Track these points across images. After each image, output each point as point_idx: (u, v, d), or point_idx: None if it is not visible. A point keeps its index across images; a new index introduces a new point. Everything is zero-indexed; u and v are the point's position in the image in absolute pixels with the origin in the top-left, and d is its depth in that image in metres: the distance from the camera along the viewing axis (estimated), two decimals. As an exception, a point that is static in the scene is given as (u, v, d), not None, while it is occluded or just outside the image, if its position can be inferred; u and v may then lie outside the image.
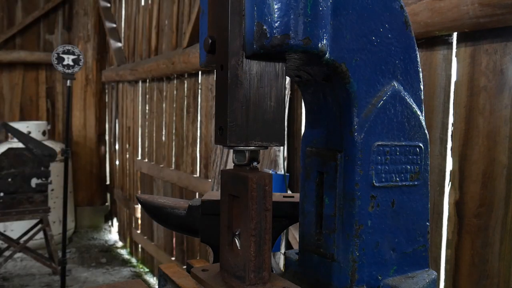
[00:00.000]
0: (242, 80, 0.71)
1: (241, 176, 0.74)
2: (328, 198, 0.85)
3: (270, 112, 0.74)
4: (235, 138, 0.71)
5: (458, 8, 1.42)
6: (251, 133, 0.72)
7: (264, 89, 0.73)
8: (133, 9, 5.25)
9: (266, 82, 0.73)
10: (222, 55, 0.73)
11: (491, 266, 1.45)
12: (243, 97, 0.72)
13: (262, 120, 0.73)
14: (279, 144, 0.75)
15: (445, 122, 1.60)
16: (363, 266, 0.81)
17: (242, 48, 0.72)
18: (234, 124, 0.71)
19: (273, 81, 0.74)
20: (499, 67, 1.42)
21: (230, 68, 0.71)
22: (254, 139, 0.73)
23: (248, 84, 0.72)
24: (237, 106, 0.71)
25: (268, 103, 0.74)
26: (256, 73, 0.72)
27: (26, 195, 4.05)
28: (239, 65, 0.71)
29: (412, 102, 0.86)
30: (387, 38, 0.82)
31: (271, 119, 0.74)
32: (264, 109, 0.73)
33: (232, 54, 0.71)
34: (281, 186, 2.24)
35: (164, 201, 1.08)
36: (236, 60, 0.71)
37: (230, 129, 0.71)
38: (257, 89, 0.73)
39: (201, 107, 3.62)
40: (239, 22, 0.72)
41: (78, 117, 6.25)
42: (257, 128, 0.73)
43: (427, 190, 0.90)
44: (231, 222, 0.79)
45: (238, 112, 0.71)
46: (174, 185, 4.09)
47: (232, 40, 0.71)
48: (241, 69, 0.72)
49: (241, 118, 0.71)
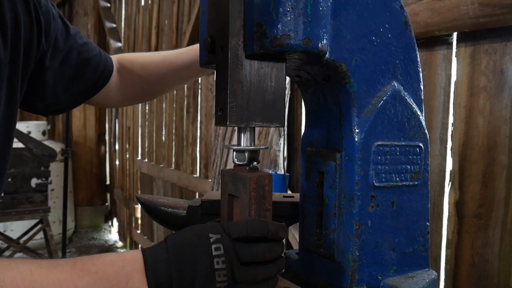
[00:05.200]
0: (242, 60, 0.71)
1: (241, 176, 0.74)
2: (328, 198, 0.85)
3: (271, 93, 0.74)
4: (235, 118, 0.72)
5: (458, 8, 1.42)
6: (251, 113, 0.73)
7: (265, 69, 0.73)
8: (133, 9, 5.24)
9: (266, 63, 0.73)
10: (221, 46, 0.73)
11: (491, 266, 1.45)
12: (244, 77, 0.72)
13: (263, 100, 0.73)
14: (280, 125, 0.76)
15: (445, 122, 1.60)
16: (363, 266, 0.81)
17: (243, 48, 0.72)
18: (234, 105, 0.71)
19: (274, 63, 0.74)
20: (499, 67, 1.42)
21: (230, 48, 0.71)
22: (255, 120, 0.73)
23: (248, 65, 0.72)
24: (237, 87, 0.71)
25: (268, 83, 0.74)
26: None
27: (26, 195, 4.05)
28: (239, 45, 0.71)
29: (412, 102, 0.86)
30: (387, 38, 0.82)
31: (272, 100, 0.74)
32: (264, 89, 0.73)
33: (233, 34, 0.71)
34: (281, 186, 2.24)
35: (164, 201, 1.08)
36: (236, 41, 0.71)
37: (230, 110, 0.71)
38: (257, 69, 0.73)
39: (201, 107, 3.62)
40: (239, 22, 0.72)
41: (78, 117, 6.25)
42: (258, 108, 0.73)
43: (427, 190, 0.90)
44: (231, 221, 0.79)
45: (238, 92, 0.71)
46: (174, 185, 4.09)
47: (232, 31, 0.71)
48: (241, 49, 0.72)
49: (241, 99, 0.72)
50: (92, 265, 0.67)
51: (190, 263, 0.67)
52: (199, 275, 0.67)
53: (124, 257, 0.70)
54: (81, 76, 1.11)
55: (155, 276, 0.67)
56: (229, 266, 0.68)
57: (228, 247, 0.68)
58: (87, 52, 1.12)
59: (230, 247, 0.68)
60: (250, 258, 0.69)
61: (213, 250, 0.68)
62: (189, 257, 0.68)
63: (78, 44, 1.10)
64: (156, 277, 0.67)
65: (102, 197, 6.52)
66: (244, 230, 0.69)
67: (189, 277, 0.67)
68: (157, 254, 0.69)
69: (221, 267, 0.67)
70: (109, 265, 0.68)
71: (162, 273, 0.67)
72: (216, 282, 0.67)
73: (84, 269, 0.67)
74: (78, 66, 1.10)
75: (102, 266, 0.67)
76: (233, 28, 0.71)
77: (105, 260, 0.69)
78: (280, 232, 0.72)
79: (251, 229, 0.70)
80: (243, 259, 0.69)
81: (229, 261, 0.68)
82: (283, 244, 0.74)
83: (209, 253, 0.67)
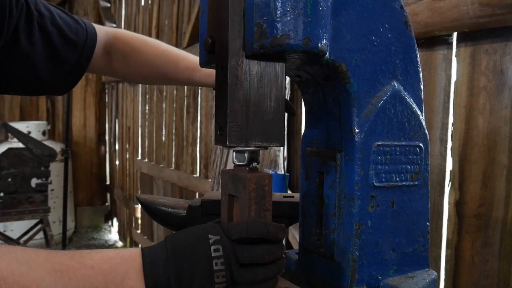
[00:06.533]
0: (242, 80, 0.71)
1: (241, 177, 0.74)
2: (328, 198, 0.85)
3: (270, 112, 0.74)
4: (235, 138, 0.72)
5: (458, 8, 1.42)
6: (251, 133, 0.73)
7: (264, 89, 0.73)
8: (133, 9, 5.24)
9: (266, 82, 0.73)
10: (222, 55, 0.73)
11: (491, 266, 1.45)
12: (243, 97, 0.72)
13: (262, 120, 0.73)
14: (279, 145, 0.75)
15: (445, 122, 1.60)
16: (363, 266, 0.81)
17: (242, 48, 0.72)
18: (234, 125, 0.71)
19: (273, 81, 0.74)
20: (499, 67, 1.42)
21: (230, 68, 0.71)
22: (254, 140, 0.73)
23: (248, 85, 0.72)
24: (237, 106, 0.71)
25: (268, 103, 0.74)
26: (256, 73, 0.72)
27: (26, 195, 4.05)
28: (239, 65, 0.71)
29: (412, 102, 0.86)
30: (387, 38, 0.82)
31: (271, 120, 0.74)
32: (264, 109, 0.73)
33: (232, 54, 0.71)
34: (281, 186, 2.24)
35: (164, 201, 1.08)
36: (236, 60, 0.71)
37: (230, 129, 0.71)
38: (257, 89, 0.73)
39: (201, 107, 3.62)
40: (239, 22, 0.72)
41: (78, 117, 6.25)
42: (257, 128, 0.73)
43: (427, 190, 0.90)
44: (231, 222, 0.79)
45: (238, 112, 0.71)
46: (174, 185, 4.09)
47: (232, 40, 0.71)
48: (241, 69, 0.72)
49: (241, 119, 0.72)
50: (90, 259, 0.67)
51: (189, 264, 0.67)
52: (198, 276, 0.67)
53: (123, 254, 0.70)
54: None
55: (153, 276, 0.67)
56: (228, 268, 0.67)
57: (227, 249, 0.68)
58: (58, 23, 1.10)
59: (229, 248, 0.68)
60: (249, 259, 0.69)
61: (212, 251, 0.68)
62: (188, 258, 0.67)
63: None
64: (155, 277, 0.67)
65: (102, 197, 6.51)
66: (243, 232, 0.69)
67: (187, 278, 0.67)
68: (156, 254, 0.69)
69: (220, 268, 0.67)
70: (106, 261, 0.68)
71: (161, 273, 0.67)
72: (215, 283, 0.67)
73: (81, 262, 0.66)
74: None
75: (99, 261, 0.67)
76: (233, 46, 0.71)
77: (104, 255, 0.69)
78: (280, 233, 0.72)
79: (251, 231, 0.70)
80: (242, 261, 0.69)
81: (228, 262, 0.68)
82: (283, 245, 0.74)
83: (208, 254, 0.67)
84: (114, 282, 0.66)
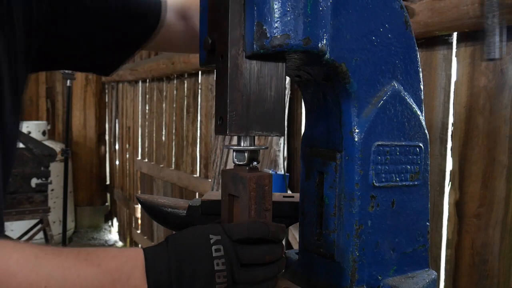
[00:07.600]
0: (242, 69, 0.71)
1: (241, 176, 0.74)
2: (328, 198, 0.85)
3: (270, 102, 0.74)
4: (235, 127, 0.72)
5: (458, 8, 1.42)
6: (251, 122, 0.73)
7: (264, 78, 0.73)
8: None
9: (266, 72, 0.73)
10: (221, 55, 0.73)
11: (491, 266, 1.45)
12: (243, 86, 0.72)
13: (262, 109, 0.73)
14: (280, 134, 0.76)
15: (445, 122, 1.60)
16: (363, 266, 0.81)
17: (242, 48, 0.72)
18: (234, 114, 0.71)
19: (274, 71, 0.74)
20: (499, 67, 1.42)
21: (230, 57, 0.71)
22: (254, 129, 0.73)
23: (248, 74, 0.72)
24: (237, 96, 0.71)
25: (268, 92, 0.74)
26: (257, 63, 0.73)
27: (26, 195, 4.05)
28: (239, 54, 0.71)
29: (412, 102, 0.86)
30: (387, 38, 0.82)
31: (271, 109, 0.74)
32: (264, 99, 0.73)
33: (233, 43, 0.71)
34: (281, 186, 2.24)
35: (164, 201, 1.08)
36: (236, 50, 0.71)
37: (230, 118, 0.71)
38: (257, 79, 0.73)
39: (201, 107, 3.62)
40: (239, 22, 0.72)
41: (78, 117, 6.25)
42: (257, 117, 0.73)
43: (427, 190, 0.90)
44: (231, 222, 0.79)
45: (238, 101, 0.71)
46: (174, 185, 4.09)
47: (232, 30, 0.71)
48: (241, 59, 0.72)
49: (241, 108, 0.72)
50: (96, 256, 0.68)
51: (190, 264, 0.67)
52: (199, 276, 0.67)
53: (127, 253, 0.70)
54: None
55: (155, 277, 0.67)
56: (229, 268, 0.68)
57: (229, 249, 0.68)
58: None
59: (230, 248, 0.68)
60: (250, 260, 0.69)
61: (213, 252, 0.68)
62: (189, 258, 0.68)
63: None
64: (156, 277, 0.67)
65: (102, 197, 6.51)
66: (244, 232, 0.69)
67: (189, 278, 0.67)
68: (157, 254, 0.69)
69: (221, 268, 0.67)
70: (112, 259, 0.68)
71: (162, 273, 0.67)
72: (216, 283, 0.67)
73: (88, 259, 0.67)
74: None
75: (105, 259, 0.68)
76: (233, 36, 0.71)
77: (109, 253, 0.69)
78: (280, 233, 0.72)
79: (252, 231, 0.70)
80: (243, 261, 0.69)
81: (229, 262, 0.68)
82: (283, 245, 0.74)
83: (209, 255, 0.67)
84: (120, 281, 0.66)
